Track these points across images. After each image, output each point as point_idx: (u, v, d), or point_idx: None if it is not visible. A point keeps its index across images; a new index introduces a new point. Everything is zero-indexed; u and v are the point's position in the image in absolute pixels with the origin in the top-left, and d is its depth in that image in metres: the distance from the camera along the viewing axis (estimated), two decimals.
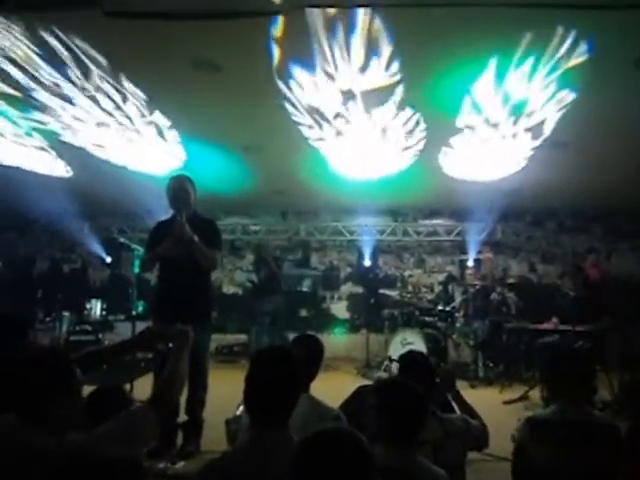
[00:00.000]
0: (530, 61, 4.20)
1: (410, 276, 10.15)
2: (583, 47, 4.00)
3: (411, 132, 5.71)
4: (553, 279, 9.53)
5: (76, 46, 4.07)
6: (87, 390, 1.88)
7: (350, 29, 3.84)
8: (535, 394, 5.58)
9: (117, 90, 4.84)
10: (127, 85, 4.78)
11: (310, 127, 5.66)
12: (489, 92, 4.77)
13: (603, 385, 5.05)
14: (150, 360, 5.84)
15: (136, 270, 5.74)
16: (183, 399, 3.95)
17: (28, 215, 9.24)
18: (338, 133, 5.80)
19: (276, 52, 4.16)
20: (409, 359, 2.58)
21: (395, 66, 4.33)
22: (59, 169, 7.07)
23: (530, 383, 5.89)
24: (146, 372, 5.46)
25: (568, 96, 4.81)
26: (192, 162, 6.78)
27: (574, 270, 6.34)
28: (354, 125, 5.53)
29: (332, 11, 3.66)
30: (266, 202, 9.56)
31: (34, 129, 5.78)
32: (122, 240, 6.68)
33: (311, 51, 4.12)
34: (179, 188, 4.04)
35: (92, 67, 4.39)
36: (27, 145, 6.23)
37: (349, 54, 4.16)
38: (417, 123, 5.51)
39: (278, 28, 3.79)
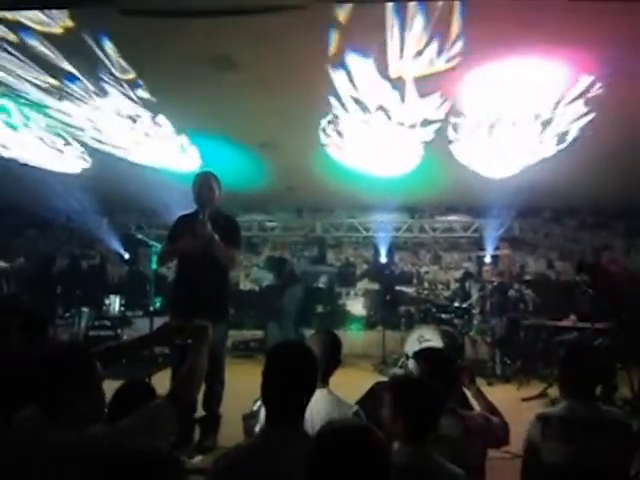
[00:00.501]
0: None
1: (426, 273, 10.11)
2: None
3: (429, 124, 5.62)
4: (571, 276, 9.42)
5: (94, 43, 4.09)
6: (106, 385, 1.89)
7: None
8: (554, 391, 5.54)
9: (134, 86, 4.87)
10: (144, 81, 4.81)
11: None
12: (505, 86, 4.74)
13: (624, 383, 5.00)
14: (168, 355, 5.89)
15: (154, 266, 5.78)
16: (200, 394, 3.98)
17: (48, 213, 9.37)
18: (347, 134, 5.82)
19: (335, 37, 4.02)
20: (428, 355, 2.56)
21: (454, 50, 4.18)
22: (75, 159, 7.12)
23: (548, 380, 5.84)
24: (164, 367, 5.52)
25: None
26: (208, 159, 6.81)
27: (591, 267, 6.26)
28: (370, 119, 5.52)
29: None
30: (282, 199, 9.58)
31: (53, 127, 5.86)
32: (140, 236, 6.74)
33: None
34: (204, 185, 4.05)
35: (109, 63, 4.41)
36: (47, 143, 6.31)
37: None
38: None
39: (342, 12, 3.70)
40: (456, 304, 7.90)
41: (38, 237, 10.43)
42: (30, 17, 3.76)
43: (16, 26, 3.87)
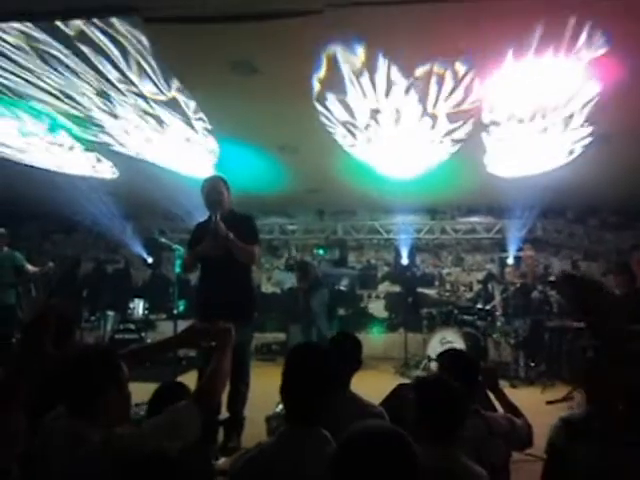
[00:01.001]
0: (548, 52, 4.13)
1: (448, 274, 10.04)
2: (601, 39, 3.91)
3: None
4: (596, 277, 9.29)
5: (116, 48, 4.18)
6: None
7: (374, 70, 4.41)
8: (579, 394, 5.47)
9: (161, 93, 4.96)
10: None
11: (344, 137, 5.90)
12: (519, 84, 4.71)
13: None
14: (192, 358, 5.97)
15: (177, 270, 5.85)
16: (225, 396, 4.03)
17: (74, 217, 9.54)
18: (369, 140, 5.87)
19: (316, 86, 4.72)
20: (451, 357, 2.56)
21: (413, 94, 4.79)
22: (106, 170, 7.27)
23: (574, 383, 5.76)
24: (188, 370, 5.59)
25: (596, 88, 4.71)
26: (229, 163, 6.87)
27: (619, 268, 6.15)
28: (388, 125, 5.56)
29: (358, 63, 4.31)
30: (303, 201, 9.62)
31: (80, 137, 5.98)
32: (163, 240, 6.83)
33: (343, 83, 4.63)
34: (212, 189, 4.12)
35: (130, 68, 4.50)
36: (74, 149, 6.44)
37: (374, 84, 4.66)
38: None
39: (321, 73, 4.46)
40: (479, 306, 7.86)
41: (65, 241, 10.63)
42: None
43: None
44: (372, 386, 3.03)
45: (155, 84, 4.65)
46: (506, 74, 4.46)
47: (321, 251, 10.00)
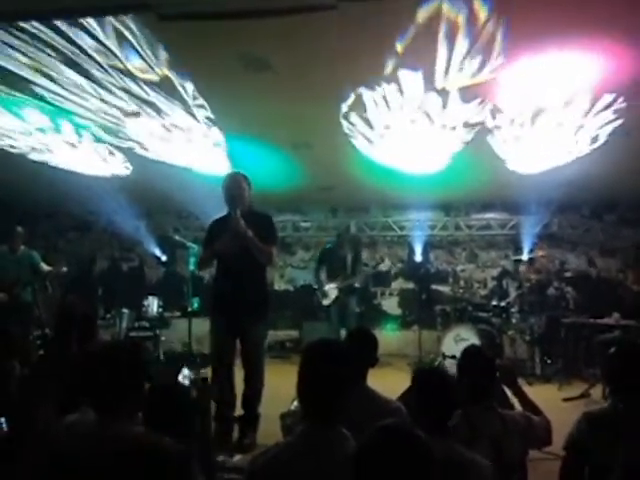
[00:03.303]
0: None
1: (462, 271, 9.97)
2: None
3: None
4: (613, 273, 9.18)
5: (130, 44, 4.18)
6: None
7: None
8: (597, 392, 5.42)
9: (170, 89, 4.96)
10: (185, 91, 4.90)
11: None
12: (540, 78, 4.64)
13: None
14: (205, 356, 6.00)
15: (191, 267, 5.87)
16: (240, 393, 4.04)
17: (89, 216, 9.63)
18: (387, 126, 5.78)
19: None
20: (468, 354, 2.54)
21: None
22: (118, 168, 7.31)
23: (591, 380, 5.70)
24: (202, 367, 5.61)
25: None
26: (242, 160, 6.88)
27: (638, 263, 6.08)
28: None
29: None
30: (316, 199, 9.60)
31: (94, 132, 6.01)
32: (177, 238, 6.85)
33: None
34: (233, 185, 4.11)
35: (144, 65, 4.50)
36: (88, 148, 6.49)
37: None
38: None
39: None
40: (494, 302, 7.79)
41: (80, 240, 10.73)
42: None
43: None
44: (387, 383, 3.02)
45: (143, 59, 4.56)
46: (527, 65, 4.40)
47: None
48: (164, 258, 10.00)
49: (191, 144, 6.30)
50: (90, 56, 4.23)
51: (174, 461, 1.72)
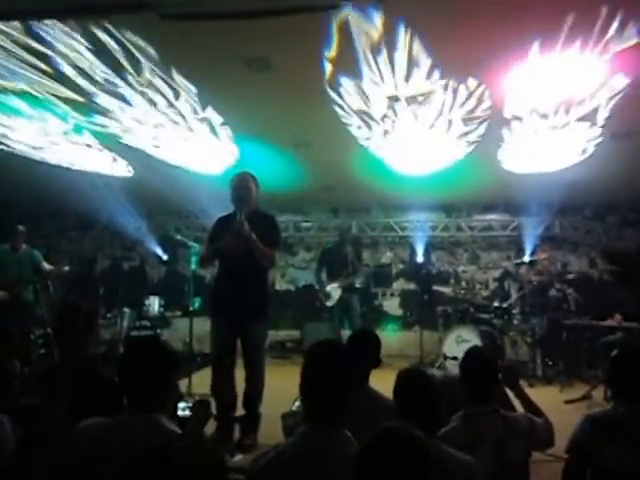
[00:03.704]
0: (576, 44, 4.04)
1: (464, 272, 9.97)
2: (632, 29, 3.82)
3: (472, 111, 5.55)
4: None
5: (130, 44, 4.18)
6: None
7: (393, 47, 4.09)
8: (598, 394, 5.41)
9: (170, 87, 4.95)
10: (180, 82, 4.87)
11: (359, 127, 5.74)
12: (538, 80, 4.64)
13: None
14: (206, 355, 5.99)
15: (192, 267, 5.87)
16: (241, 393, 4.03)
17: (90, 215, 9.63)
18: (386, 132, 5.79)
19: (328, 68, 4.42)
20: (471, 356, 2.53)
21: (436, 75, 4.49)
22: (121, 169, 7.32)
23: (592, 382, 5.69)
24: (203, 367, 5.61)
25: (620, 82, 4.61)
26: (243, 160, 6.88)
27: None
28: (402, 121, 5.50)
29: (376, 35, 3.93)
30: (317, 199, 9.59)
31: (96, 132, 6.02)
32: (178, 237, 6.85)
33: (358, 63, 4.34)
34: (241, 185, 4.10)
35: (145, 65, 4.50)
36: (90, 146, 6.49)
37: (393, 67, 4.39)
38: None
39: (332, 51, 4.12)
40: (495, 304, 7.77)
41: (81, 239, 10.74)
42: None
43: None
44: (387, 384, 2.99)
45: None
46: (530, 67, 4.39)
47: None
48: (165, 257, 10.01)
49: (193, 143, 6.30)
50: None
51: (211, 461, 1.75)
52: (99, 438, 1.75)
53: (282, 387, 3.30)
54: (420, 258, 9.76)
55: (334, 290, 7.42)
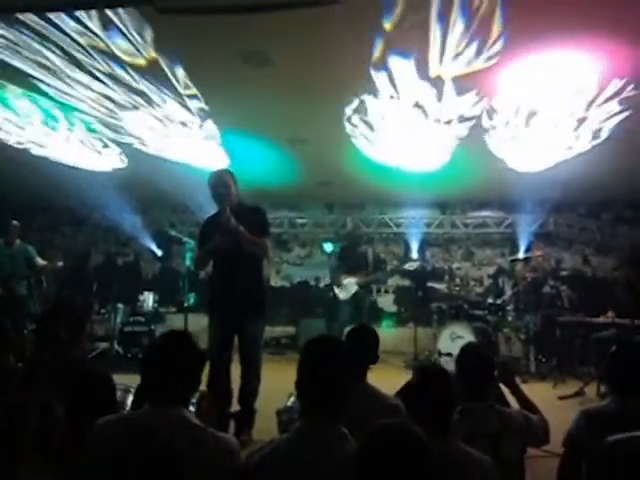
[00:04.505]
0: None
1: (458, 269, 9.99)
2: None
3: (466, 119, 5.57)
4: (608, 271, 9.21)
5: (125, 37, 4.15)
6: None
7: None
8: (591, 390, 5.44)
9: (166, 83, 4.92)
10: (176, 78, 4.86)
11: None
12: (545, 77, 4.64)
13: None
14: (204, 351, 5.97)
15: (187, 262, 5.85)
16: (236, 389, 4.03)
17: (84, 210, 9.58)
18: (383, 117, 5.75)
19: (379, 45, 4.21)
20: (467, 352, 2.53)
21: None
22: (113, 160, 7.27)
23: (586, 378, 5.72)
24: None
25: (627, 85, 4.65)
26: (238, 156, 6.86)
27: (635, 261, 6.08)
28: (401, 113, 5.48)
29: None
30: (312, 195, 9.59)
31: (91, 126, 5.98)
32: (173, 233, 6.82)
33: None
34: (218, 182, 4.08)
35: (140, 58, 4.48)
36: (83, 141, 6.46)
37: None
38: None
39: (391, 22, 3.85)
40: (489, 300, 7.80)
41: (75, 234, 10.68)
42: None
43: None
44: (382, 380, 3.01)
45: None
46: (526, 65, 4.39)
47: (330, 245, 9.94)
48: (160, 253, 9.98)
49: (188, 139, 6.28)
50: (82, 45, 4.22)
51: (235, 452, 1.80)
52: (121, 435, 1.75)
53: (277, 383, 3.29)
54: (415, 255, 9.77)
55: (350, 284, 7.39)
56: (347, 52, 4.26)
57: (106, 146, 6.66)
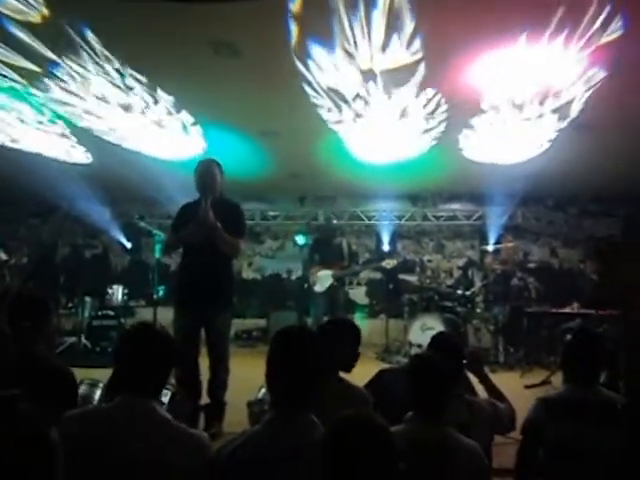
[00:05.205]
0: (562, 35, 4.10)
1: (429, 261, 10.08)
2: (618, 23, 3.90)
3: (432, 114, 5.61)
4: (574, 263, 9.41)
5: (93, 29, 4.06)
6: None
7: (371, 4, 3.73)
8: (557, 379, 5.55)
9: (135, 74, 4.83)
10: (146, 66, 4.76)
11: (329, 110, 5.59)
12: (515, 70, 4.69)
13: None
14: None
15: (156, 255, 5.76)
16: (205, 382, 4.00)
17: (51, 202, 9.35)
18: (357, 115, 5.72)
19: (294, 29, 4.04)
20: (438, 340, 2.56)
21: (417, 44, 4.23)
22: (79, 155, 7.13)
23: (552, 368, 5.84)
24: None
25: (598, 75, 4.70)
26: (209, 147, 6.79)
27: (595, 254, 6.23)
28: (373, 107, 5.47)
29: None
30: (284, 187, 9.55)
31: (57, 116, 5.83)
32: (142, 225, 6.71)
33: (330, 29, 4.02)
34: (205, 172, 4.03)
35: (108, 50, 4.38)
36: (49, 131, 6.29)
37: (370, 32, 4.05)
38: (438, 105, 5.43)
39: (296, 3, 3.69)
40: (459, 292, 7.90)
41: (41, 226, 10.42)
42: None
43: None
44: (354, 371, 3.02)
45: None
46: (511, 55, 4.42)
47: (302, 237, 9.92)
48: (129, 245, 9.82)
49: (155, 128, 6.17)
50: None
51: (206, 448, 1.79)
52: (89, 428, 1.71)
53: (248, 376, 3.27)
54: (386, 247, 9.83)
55: (326, 277, 7.39)
56: (316, 39, 4.23)
57: (73, 146, 6.54)
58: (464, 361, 2.56)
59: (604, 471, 2.17)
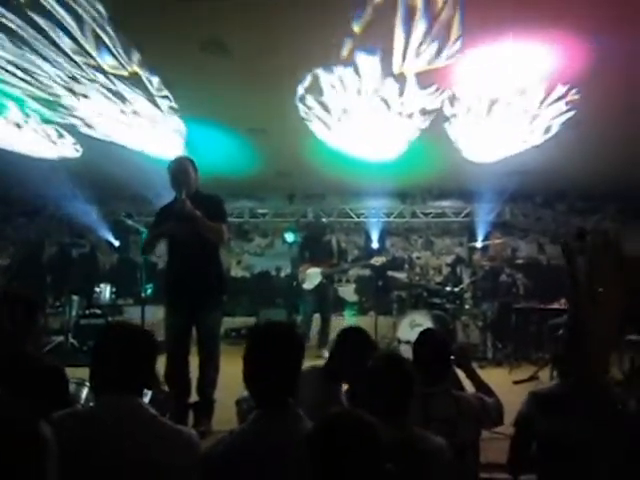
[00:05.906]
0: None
1: (418, 258, 10.11)
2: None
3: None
4: (562, 260, 9.44)
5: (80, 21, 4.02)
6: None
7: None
8: (545, 374, 5.59)
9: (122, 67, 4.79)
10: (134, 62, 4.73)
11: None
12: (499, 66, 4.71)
13: (614, 365, 5.02)
14: (161, 342, 5.87)
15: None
16: (195, 379, 3.99)
17: (37, 201, 9.26)
18: (344, 111, 5.73)
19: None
20: (424, 337, 2.56)
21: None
22: (67, 150, 7.04)
23: (540, 363, 5.88)
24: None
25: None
26: (198, 145, 6.74)
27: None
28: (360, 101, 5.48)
29: None
30: (273, 185, 9.51)
31: (43, 116, 5.78)
32: (130, 223, 6.66)
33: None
34: (178, 169, 4.03)
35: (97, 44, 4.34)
36: (35, 130, 6.23)
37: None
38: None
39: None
40: (448, 288, 7.92)
41: (27, 225, 10.31)
42: None
43: None
44: None
45: (115, 57, 4.44)
46: (481, 55, 4.44)
47: (291, 235, 9.89)
48: (117, 244, 9.75)
49: (144, 126, 6.13)
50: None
51: (195, 446, 1.78)
52: (79, 429, 1.69)
53: (237, 373, 3.23)
54: (375, 244, 9.83)
55: (315, 274, 7.37)
56: (306, 43, 4.23)
57: (61, 136, 6.45)
58: (452, 357, 2.57)
59: (595, 466, 2.18)
